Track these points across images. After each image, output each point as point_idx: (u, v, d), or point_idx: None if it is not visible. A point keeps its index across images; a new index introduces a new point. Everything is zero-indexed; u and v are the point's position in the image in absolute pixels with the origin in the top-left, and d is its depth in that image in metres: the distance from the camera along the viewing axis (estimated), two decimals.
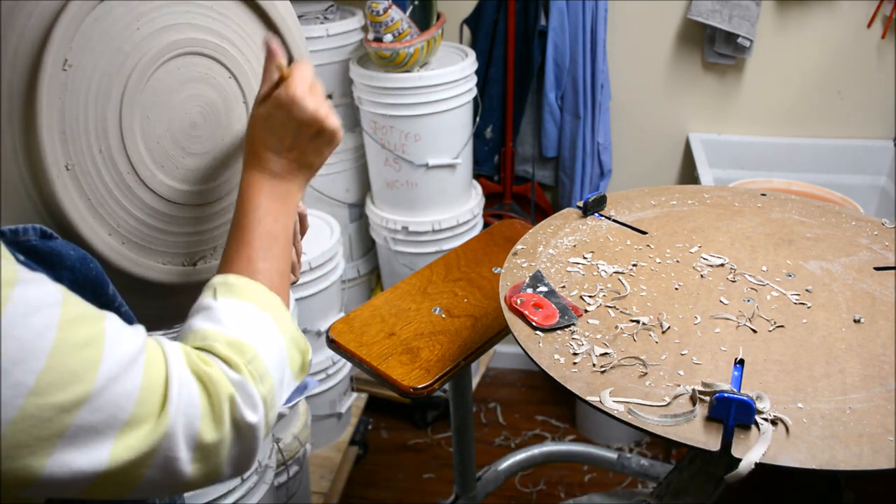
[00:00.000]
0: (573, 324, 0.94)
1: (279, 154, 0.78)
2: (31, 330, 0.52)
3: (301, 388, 0.77)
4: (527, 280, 1.02)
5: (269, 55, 0.79)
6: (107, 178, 0.75)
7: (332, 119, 0.80)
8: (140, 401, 0.57)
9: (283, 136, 0.78)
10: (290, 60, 0.91)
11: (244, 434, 0.64)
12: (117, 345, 0.57)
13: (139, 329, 0.62)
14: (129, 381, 0.57)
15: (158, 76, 0.77)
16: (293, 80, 0.78)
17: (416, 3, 1.88)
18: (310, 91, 0.78)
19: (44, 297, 0.54)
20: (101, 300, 0.69)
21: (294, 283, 0.96)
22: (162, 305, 0.85)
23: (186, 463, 0.60)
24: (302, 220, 0.98)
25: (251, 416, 0.64)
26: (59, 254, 0.65)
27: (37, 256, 0.64)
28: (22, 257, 0.62)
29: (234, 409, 0.63)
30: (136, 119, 0.76)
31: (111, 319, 0.59)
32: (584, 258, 1.09)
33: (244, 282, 0.71)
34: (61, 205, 0.70)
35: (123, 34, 0.73)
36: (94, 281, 0.68)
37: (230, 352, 0.65)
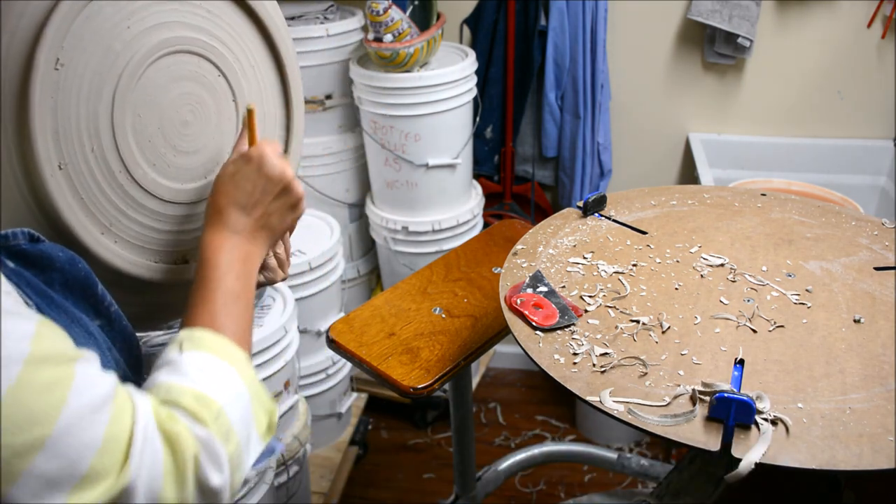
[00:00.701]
0: (573, 324, 0.94)
1: (244, 211, 0.79)
2: None
3: (268, 452, 0.75)
4: (527, 280, 1.02)
5: (249, 120, 0.82)
6: (99, 176, 0.75)
7: (298, 184, 0.82)
8: (101, 452, 0.54)
9: (250, 190, 0.79)
10: (280, 64, 0.94)
11: (207, 497, 0.62)
12: (84, 391, 0.55)
13: (110, 377, 0.59)
14: (92, 430, 0.54)
15: (149, 74, 0.78)
16: (263, 142, 0.81)
17: (416, 3, 1.88)
18: (277, 155, 0.81)
19: (17, 331, 0.52)
20: (91, 300, 0.69)
21: (284, 279, 0.97)
22: (151, 302, 0.85)
23: None
24: (281, 265, 0.97)
25: (216, 479, 0.62)
26: (48, 256, 0.65)
27: (26, 260, 0.64)
28: (11, 263, 0.62)
29: (198, 471, 0.61)
30: (127, 117, 0.77)
31: (84, 364, 0.57)
32: (584, 258, 1.09)
33: (210, 335, 0.70)
34: (55, 204, 0.70)
35: (114, 32, 0.74)
36: (84, 281, 0.68)
37: (197, 405, 0.63)
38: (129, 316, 0.74)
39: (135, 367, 0.74)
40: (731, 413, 0.77)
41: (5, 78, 0.67)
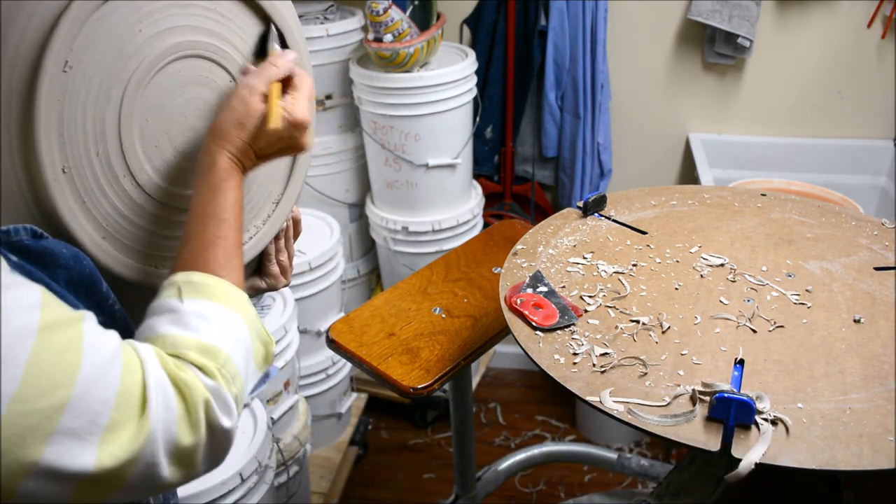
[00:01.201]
0: (573, 324, 0.94)
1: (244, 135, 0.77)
2: (10, 336, 0.52)
3: (263, 378, 0.78)
4: (527, 280, 1.02)
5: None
6: (103, 181, 0.74)
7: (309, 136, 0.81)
8: (118, 405, 0.57)
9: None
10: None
11: (219, 437, 0.64)
12: (95, 348, 0.57)
13: (112, 332, 0.61)
14: (108, 385, 0.57)
15: (159, 79, 0.76)
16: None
17: (416, 3, 1.88)
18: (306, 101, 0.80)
19: (22, 301, 0.54)
20: (95, 297, 0.69)
21: (286, 285, 0.96)
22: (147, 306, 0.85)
23: (165, 468, 0.61)
24: (296, 224, 0.98)
25: (226, 421, 0.65)
26: (52, 252, 0.65)
27: (30, 256, 0.64)
28: (14, 258, 0.62)
29: (209, 414, 0.63)
30: (134, 122, 0.75)
31: (88, 321, 0.59)
32: (584, 258, 1.09)
33: (211, 280, 0.70)
34: (56, 207, 0.70)
35: (126, 36, 0.72)
36: (88, 278, 0.68)
37: (203, 358, 0.65)
38: (132, 321, 0.74)
39: None
40: (731, 413, 0.77)
41: (13, 78, 0.66)
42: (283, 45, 0.88)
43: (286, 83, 0.80)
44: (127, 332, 0.73)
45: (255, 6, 0.84)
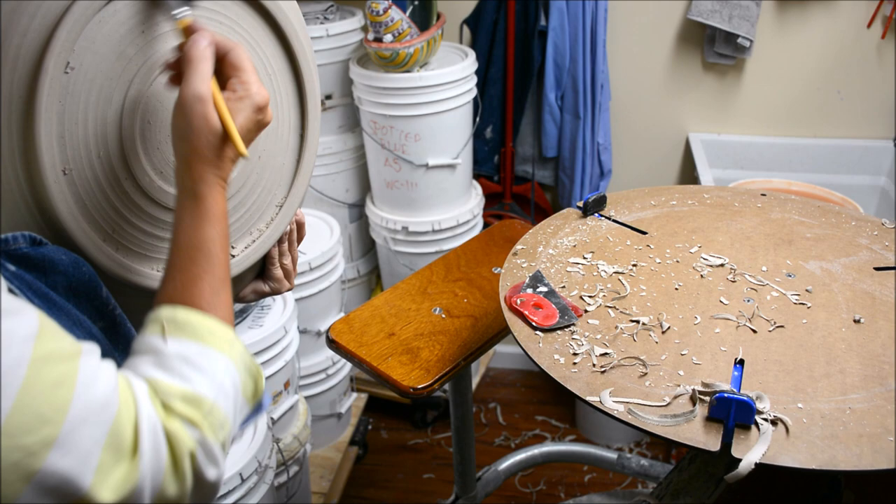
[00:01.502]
0: (573, 324, 0.94)
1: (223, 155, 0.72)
2: (3, 367, 0.50)
3: (256, 409, 0.75)
4: (527, 280, 1.02)
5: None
6: (104, 183, 0.74)
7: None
8: (109, 445, 0.55)
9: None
10: (298, 73, 0.89)
11: (203, 488, 0.63)
12: (90, 385, 0.55)
13: (111, 368, 0.59)
14: (99, 425, 0.55)
15: (161, 81, 0.76)
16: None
17: (416, 3, 1.88)
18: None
19: (18, 331, 0.52)
20: (95, 303, 0.68)
21: (289, 289, 0.95)
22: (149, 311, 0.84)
23: None
24: (299, 227, 0.97)
25: (212, 472, 0.62)
26: (50, 259, 0.64)
27: (28, 264, 0.63)
28: (13, 267, 0.61)
29: (195, 466, 0.61)
30: (136, 124, 0.75)
31: (87, 356, 0.57)
32: (584, 258, 1.09)
33: (196, 318, 0.66)
34: (56, 209, 0.69)
35: (127, 38, 0.72)
36: (88, 284, 0.67)
37: (188, 408, 0.62)
38: (132, 325, 0.73)
39: None
40: (731, 413, 0.77)
41: (15, 79, 0.65)
42: (288, 51, 0.86)
43: (220, 64, 0.72)
44: (129, 338, 0.72)
45: (260, 8, 0.84)
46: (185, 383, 0.62)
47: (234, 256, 0.88)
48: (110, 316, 0.70)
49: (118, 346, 0.71)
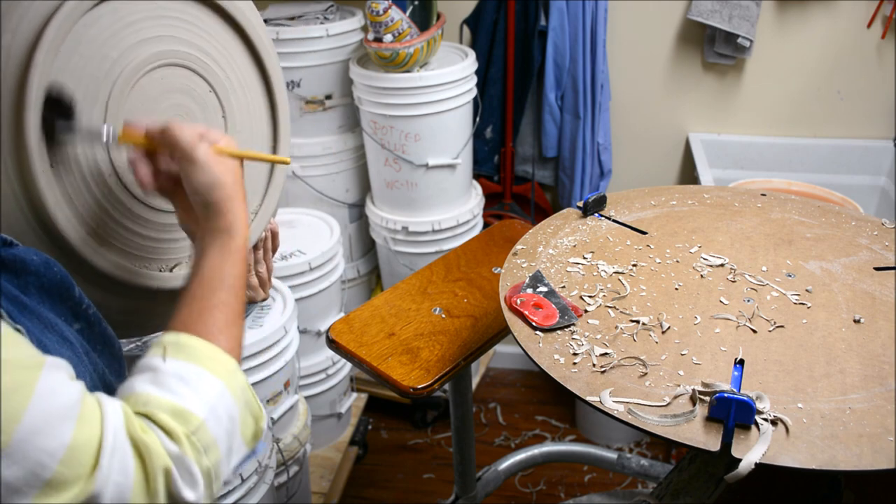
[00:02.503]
0: (573, 324, 0.94)
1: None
2: None
3: (250, 454, 0.74)
4: (527, 280, 1.02)
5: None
6: (89, 179, 0.77)
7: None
8: (66, 460, 0.53)
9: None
10: (270, 86, 0.95)
11: None
12: (48, 396, 0.53)
13: (77, 384, 0.58)
14: (56, 437, 0.53)
15: (143, 84, 0.80)
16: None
17: (416, 3, 1.88)
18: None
19: None
20: (68, 303, 0.68)
21: (264, 300, 0.96)
22: (133, 310, 0.85)
23: None
24: (273, 237, 0.98)
25: (188, 494, 0.60)
26: (21, 260, 0.64)
27: (0, 265, 0.63)
28: None
29: (169, 484, 0.59)
30: (120, 123, 0.78)
31: (50, 370, 0.55)
32: (584, 258, 1.09)
33: (200, 344, 0.67)
34: (45, 203, 0.72)
35: (111, 42, 0.76)
36: (60, 284, 0.67)
37: (173, 421, 0.61)
38: (110, 324, 0.73)
39: (116, 368, 0.73)
40: (731, 413, 0.77)
41: (4, 76, 0.68)
42: (260, 66, 0.94)
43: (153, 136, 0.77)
44: (105, 337, 0.72)
45: (237, 28, 0.89)
46: (175, 398, 0.62)
47: None
48: (84, 315, 0.70)
49: (95, 346, 0.71)
